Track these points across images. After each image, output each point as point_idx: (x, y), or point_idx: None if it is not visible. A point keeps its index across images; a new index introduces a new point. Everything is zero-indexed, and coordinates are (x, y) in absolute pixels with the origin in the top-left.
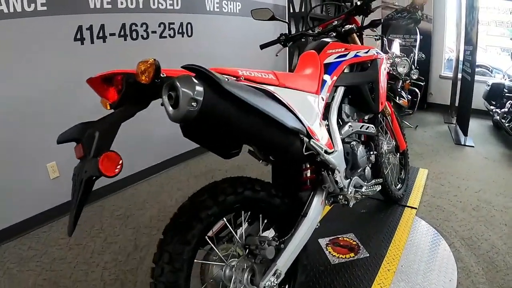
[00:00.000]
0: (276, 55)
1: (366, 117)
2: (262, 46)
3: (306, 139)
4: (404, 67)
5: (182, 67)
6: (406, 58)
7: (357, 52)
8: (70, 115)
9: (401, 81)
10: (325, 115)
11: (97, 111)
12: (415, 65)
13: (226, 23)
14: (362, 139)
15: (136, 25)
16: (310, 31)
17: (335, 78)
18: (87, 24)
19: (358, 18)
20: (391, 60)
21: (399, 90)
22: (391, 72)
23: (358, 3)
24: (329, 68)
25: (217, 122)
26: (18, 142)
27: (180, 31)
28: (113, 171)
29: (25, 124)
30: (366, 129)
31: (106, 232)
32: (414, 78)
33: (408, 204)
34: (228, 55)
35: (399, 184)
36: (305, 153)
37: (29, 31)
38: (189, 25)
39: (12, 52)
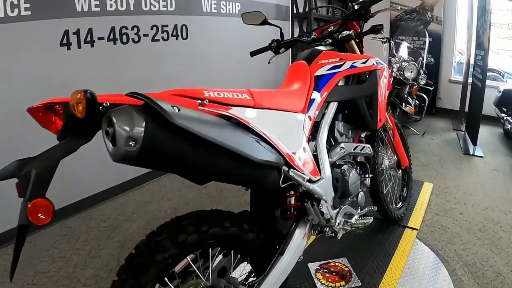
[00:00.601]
0: (269, 63)
1: (363, 135)
2: (253, 53)
3: (285, 168)
4: (411, 71)
5: (126, 95)
6: (413, 62)
7: (353, 62)
8: None
9: (408, 86)
10: (314, 135)
11: None
12: (424, 69)
13: (224, 25)
14: (358, 159)
15: (127, 28)
16: (304, 37)
17: (326, 93)
18: (74, 28)
19: (358, 23)
20: (398, 64)
21: (405, 96)
22: (397, 77)
23: (356, 7)
24: (320, 81)
25: (166, 161)
26: (6, 147)
27: (174, 33)
28: (42, 221)
29: (9, 133)
30: (361, 150)
31: (90, 245)
32: (422, 83)
33: (409, 225)
34: (226, 58)
35: (400, 203)
36: (283, 185)
37: (12, 37)
38: (183, 27)
39: None
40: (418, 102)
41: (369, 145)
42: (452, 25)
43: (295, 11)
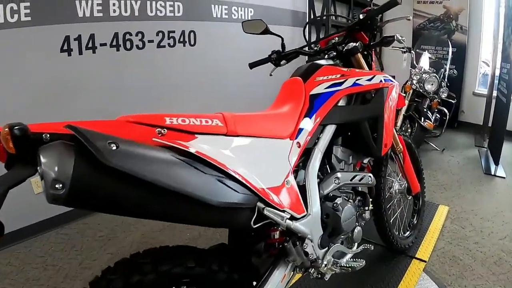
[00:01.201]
0: (270, 75)
1: (366, 161)
2: (251, 65)
3: (260, 205)
4: (432, 84)
5: (65, 127)
6: (435, 74)
7: (357, 80)
8: None
9: (428, 99)
10: (305, 163)
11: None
12: (446, 81)
13: (235, 31)
14: (359, 188)
15: (131, 34)
16: (306, 49)
17: (322, 115)
18: (75, 34)
19: (366, 34)
20: (418, 76)
21: (425, 110)
22: (417, 89)
23: (361, 16)
24: (316, 101)
25: (104, 204)
26: None
27: (182, 40)
28: None
29: None
30: (361, 180)
31: (83, 255)
32: (443, 96)
33: (417, 255)
34: (237, 66)
35: (409, 231)
36: (255, 226)
37: (12, 43)
38: (192, 34)
39: None
40: (439, 116)
41: (370, 174)
42: (478, 35)
43: (312, 17)
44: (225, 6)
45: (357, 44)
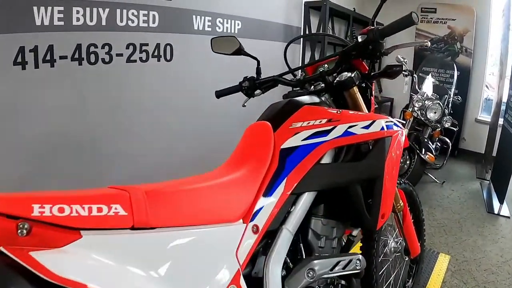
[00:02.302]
0: (244, 106)
1: (355, 233)
2: (218, 94)
3: None
4: (435, 112)
5: None
6: (438, 101)
7: (349, 127)
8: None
9: (430, 128)
10: (266, 248)
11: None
12: (449, 109)
13: None
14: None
15: (96, 46)
16: (286, 77)
17: (296, 180)
18: (31, 45)
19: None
20: (420, 103)
21: (426, 140)
22: (418, 117)
23: (360, 38)
24: (289, 159)
25: None
26: None
27: (156, 54)
28: None
29: None
30: (346, 267)
31: None
32: (447, 126)
33: None
34: (220, 85)
35: None
36: None
37: None
38: (168, 47)
39: None
40: (439, 145)
41: (359, 257)
42: (483, 58)
43: (307, 33)
44: (209, 17)
45: (353, 75)
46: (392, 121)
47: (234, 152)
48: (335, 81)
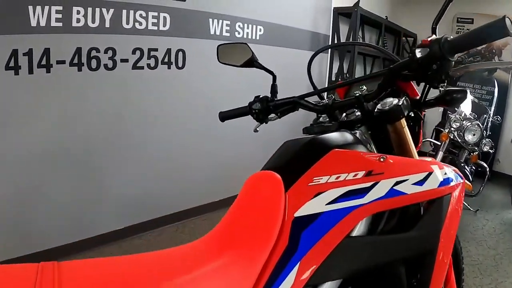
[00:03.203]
0: (256, 131)
1: None
2: (223, 116)
3: None
4: (474, 134)
5: None
6: (477, 122)
7: (396, 182)
8: None
9: (466, 151)
10: None
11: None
12: (488, 130)
13: None
14: None
15: (98, 51)
16: (309, 100)
17: (314, 265)
18: (25, 48)
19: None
20: (458, 123)
21: (462, 164)
22: (455, 138)
23: (418, 53)
24: (305, 234)
25: None
26: None
27: (166, 60)
28: None
29: None
30: None
31: None
32: (485, 149)
33: None
34: (237, 97)
35: None
36: None
37: None
38: (180, 53)
39: None
40: (474, 168)
41: None
42: None
43: (336, 42)
44: (227, 21)
45: (401, 102)
46: (450, 170)
47: (225, 218)
48: (376, 110)
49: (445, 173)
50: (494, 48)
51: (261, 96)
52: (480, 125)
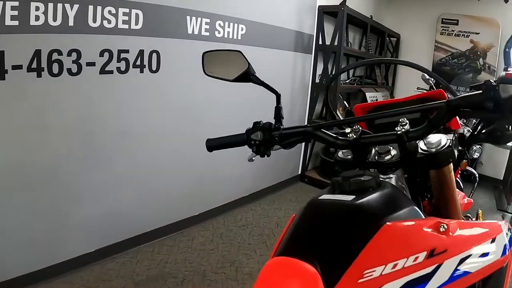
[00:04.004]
0: (251, 160)
1: None
2: (211, 145)
3: None
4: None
5: None
6: (469, 129)
7: (461, 260)
8: None
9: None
10: None
11: None
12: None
13: None
14: None
15: (60, 53)
16: (326, 131)
17: None
18: None
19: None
20: None
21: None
22: None
23: (504, 93)
24: None
25: None
26: None
27: (138, 63)
28: None
29: None
30: None
31: None
32: (475, 156)
33: None
34: (219, 105)
35: None
36: None
37: None
38: (154, 55)
39: None
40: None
41: None
42: None
43: (320, 42)
44: (207, 19)
45: (451, 143)
46: (508, 228)
47: None
48: (420, 151)
49: (506, 234)
50: (479, 50)
51: (262, 123)
52: (470, 130)
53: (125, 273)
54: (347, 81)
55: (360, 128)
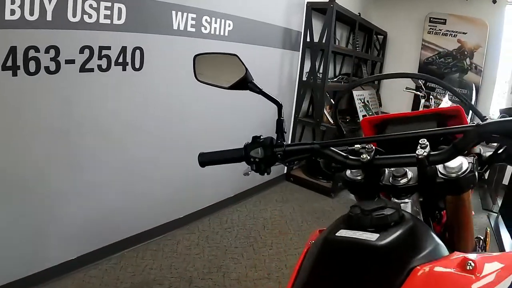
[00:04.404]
0: (247, 175)
1: None
2: (204, 161)
3: None
4: None
5: None
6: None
7: None
8: None
9: None
10: None
11: None
12: None
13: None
14: None
15: (37, 50)
16: (336, 150)
17: None
18: None
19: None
20: None
21: None
22: None
23: None
24: None
25: None
26: None
27: (121, 60)
28: None
29: None
30: None
31: None
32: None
33: None
34: (209, 106)
35: None
36: None
37: None
38: (137, 52)
39: None
40: None
41: None
42: (493, 77)
43: (308, 39)
44: (193, 14)
45: (471, 167)
46: None
47: None
48: (439, 175)
49: None
50: (466, 50)
51: (262, 137)
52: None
53: (108, 280)
54: (334, 79)
55: (373, 147)
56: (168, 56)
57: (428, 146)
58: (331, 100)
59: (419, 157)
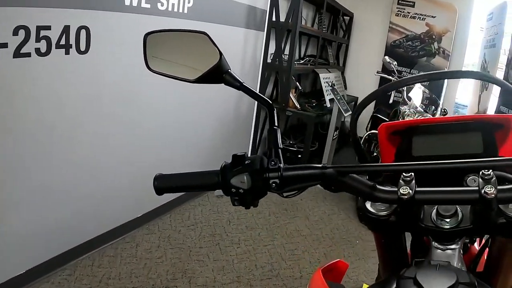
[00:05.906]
0: (220, 197)
1: None
2: (162, 188)
3: None
4: None
5: None
6: (429, 115)
7: None
8: None
9: None
10: None
11: None
12: None
13: None
14: None
15: None
16: (355, 176)
17: None
18: None
19: None
20: (411, 117)
21: None
22: None
23: None
24: None
25: None
26: None
27: (63, 42)
28: None
29: None
30: None
31: None
32: None
33: None
34: (168, 95)
35: None
36: None
37: None
38: (82, 32)
39: None
40: None
41: None
42: (460, 62)
43: (274, 19)
44: None
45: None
46: None
47: None
48: (506, 215)
49: None
50: (435, 34)
51: (247, 157)
52: (431, 117)
53: None
54: (300, 62)
55: (413, 175)
56: (118, 37)
57: (495, 179)
58: (297, 83)
59: (488, 196)
